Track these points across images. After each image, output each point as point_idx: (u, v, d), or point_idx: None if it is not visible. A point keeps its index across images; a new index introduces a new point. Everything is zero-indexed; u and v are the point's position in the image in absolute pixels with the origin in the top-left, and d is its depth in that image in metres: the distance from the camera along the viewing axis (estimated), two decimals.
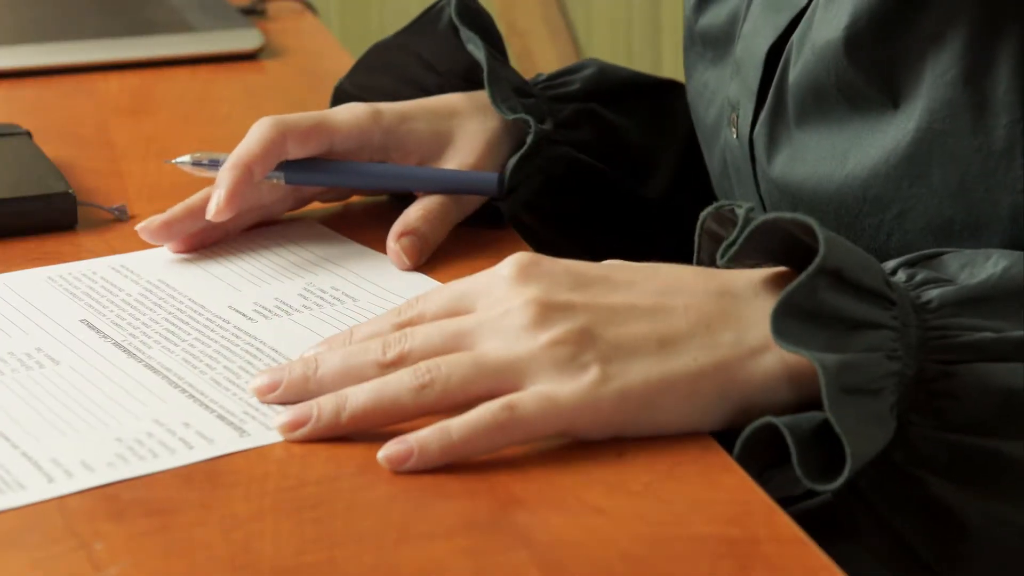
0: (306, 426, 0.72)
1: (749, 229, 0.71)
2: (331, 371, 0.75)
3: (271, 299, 0.88)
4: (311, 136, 0.94)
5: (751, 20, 0.92)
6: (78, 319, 0.85)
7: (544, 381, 0.71)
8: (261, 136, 0.92)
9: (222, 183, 0.91)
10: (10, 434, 0.73)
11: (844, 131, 0.83)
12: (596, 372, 0.71)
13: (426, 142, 0.97)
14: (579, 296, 0.73)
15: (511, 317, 0.73)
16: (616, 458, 0.70)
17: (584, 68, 1.05)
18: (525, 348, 0.72)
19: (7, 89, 1.31)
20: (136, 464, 0.70)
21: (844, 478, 0.66)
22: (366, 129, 0.96)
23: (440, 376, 0.72)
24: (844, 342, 0.69)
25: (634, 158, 1.06)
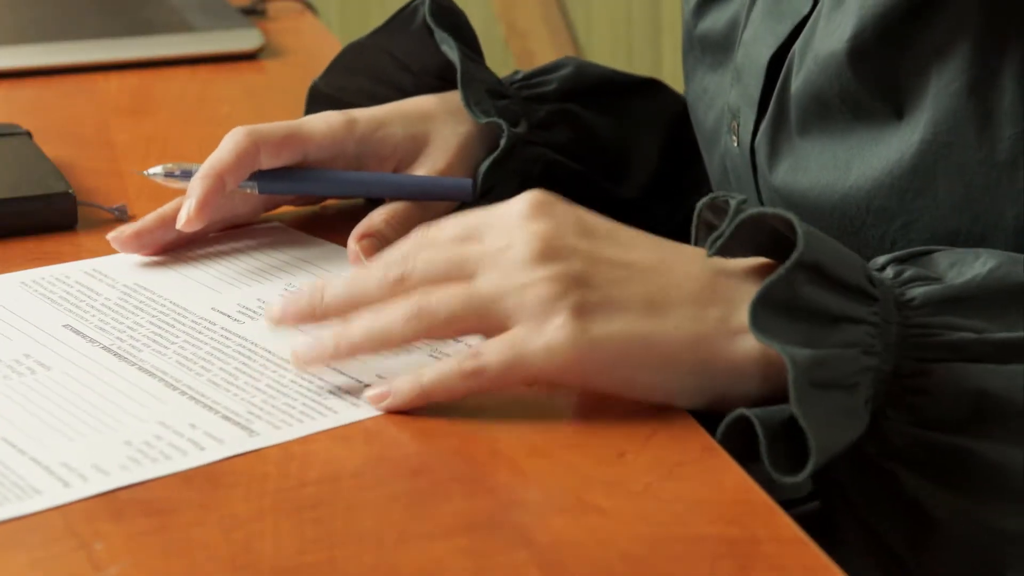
0: (314, 355, 0.76)
1: (735, 222, 0.72)
2: (336, 295, 0.77)
3: (253, 300, 0.88)
4: (284, 146, 0.94)
5: (752, 27, 0.92)
6: (61, 324, 0.85)
7: (522, 323, 0.72)
8: (234, 146, 0.92)
9: (193, 193, 0.91)
10: (15, 440, 0.73)
11: (847, 141, 0.83)
12: (570, 318, 0.72)
13: (401, 147, 0.97)
14: (582, 243, 0.75)
15: (511, 250, 0.74)
16: (617, 458, 0.70)
17: (562, 67, 1.05)
18: (514, 282, 0.73)
19: (7, 89, 1.31)
20: (149, 467, 0.70)
21: (808, 471, 0.67)
22: (340, 139, 0.96)
23: (428, 308, 0.74)
24: (821, 336, 0.70)
25: (610, 158, 1.05)
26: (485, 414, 0.74)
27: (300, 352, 0.77)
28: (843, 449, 0.69)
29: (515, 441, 0.72)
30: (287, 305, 0.78)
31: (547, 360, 0.72)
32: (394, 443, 0.73)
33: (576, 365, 0.72)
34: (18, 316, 0.86)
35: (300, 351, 0.77)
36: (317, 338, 0.76)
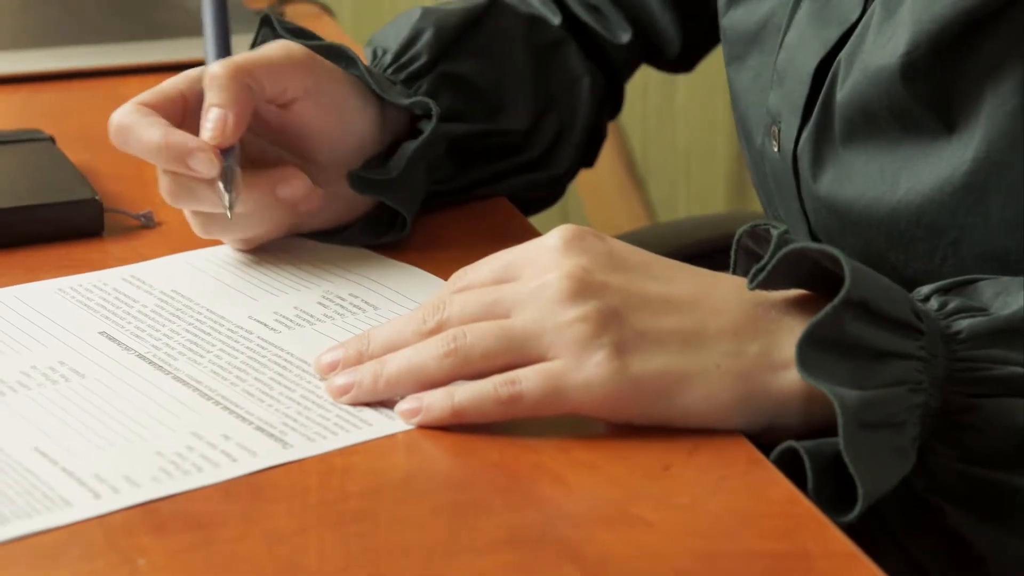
0: (351, 392, 0.76)
1: (778, 256, 0.71)
2: (380, 344, 0.77)
3: (290, 308, 0.87)
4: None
5: (796, 31, 0.90)
6: (97, 331, 0.84)
7: (561, 357, 0.72)
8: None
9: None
10: (46, 450, 0.72)
11: (894, 154, 0.82)
12: (610, 356, 0.71)
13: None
14: (616, 278, 0.74)
15: (546, 289, 0.74)
16: (662, 471, 0.69)
17: (421, 34, 1.01)
18: (551, 322, 0.73)
19: (26, 93, 1.30)
20: (181, 479, 0.69)
21: (856, 514, 0.67)
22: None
23: (464, 345, 0.74)
24: (868, 374, 0.69)
25: (491, 100, 1.02)
26: (524, 426, 0.73)
27: (337, 387, 0.76)
28: (888, 490, 0.68)
29: (557, 453, 0.71)
30: (335, 357, 0.78)
31: (586, 395, 0.71)
32: (434, 456, 0.72)
33: (615, 401, 0.71)
34: (54, 323, 0.85)
35: (338, 385, 0.76)
36: (354, 373, 0.76)
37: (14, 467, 0.70)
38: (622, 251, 0.76)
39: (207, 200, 0.88)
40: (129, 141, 0.88)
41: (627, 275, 0.74)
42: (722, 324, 0.73)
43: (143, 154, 0.88)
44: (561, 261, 0.74)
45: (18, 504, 0.67)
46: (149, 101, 0.89)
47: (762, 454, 0.70)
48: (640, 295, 0.73)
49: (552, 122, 1.05)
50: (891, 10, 0.83)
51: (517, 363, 0.73)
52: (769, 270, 0.72)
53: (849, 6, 0.87)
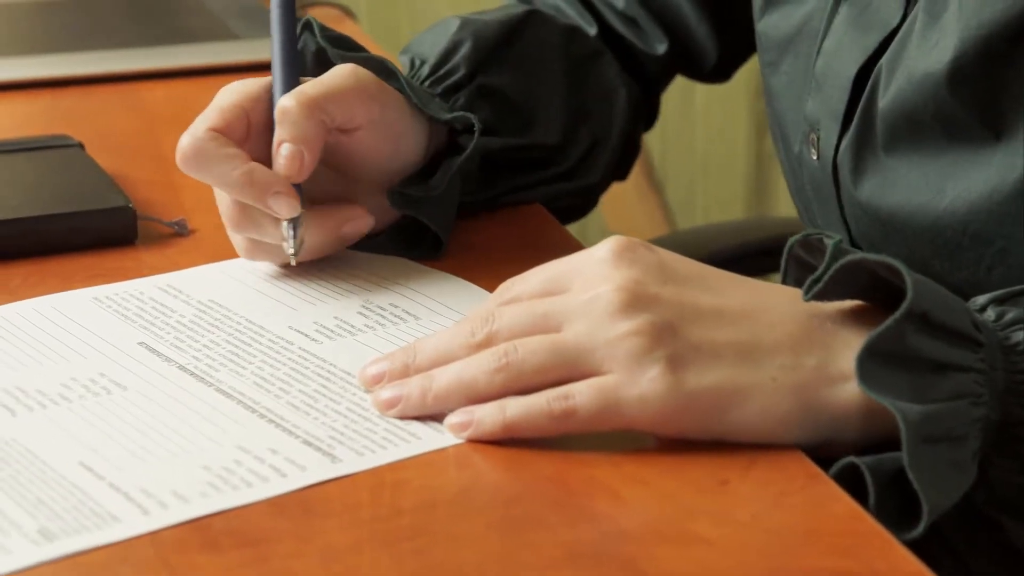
0: (398, 406, 0.74)
1: (835, 267, 0.70)
2: (427, 358, 0.76)
3: (330, 318, 0.86)
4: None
5: (834, 36, 0.89)
6: (136, 342, 0.83)
7: (615, 372, 0.71)
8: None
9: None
10: (92, 464, 0.71)
11: (939, 161, 0.81)
12: (665, 371, 0.70)
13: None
14: (668, 290, 0.73)
15: (597, 302, 0.72)
16: (719, 487, 0.68)
17: (459, 45, 0.99)
18: (603, 336, 0.71)
19: (50, 98, 1.29)
20: (231, 494, 0.68)
21: (920, 531, 0.66)
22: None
23: (515, 360, 0.73)
24: (929, 387, 0.68)
25: (524, 113, 1.01)
26: (576, 440, 0.72)
27: (384, 400, 0.75)
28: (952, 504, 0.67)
29: (611, 468, 0.70)
30: (380, 370, 0.77)
31: (641, 411, 0.70)
32: (486, 470, 0.71)
33: (670, 416, 0.70)
34: (92, 333, 0.84)
35: (384, 399, 0.75)
36: (400, 387, 0.75)
37: (60, 482, 0.69)
38: (674, 262, 0.75)
39: (270, 234, 0.87)
40: (205, 171, 0.86)
41: (679, 287, 0.73)
42: (777, 337, 0.71)
43: (220, 185, 0.87)
44: (612, 273, 0.73)
45: (66, 520, 0.66)
46: (219, 125, 0.87)
47: (820, 469, 0.69)
48: (693, 307, 0.72)
49: (586, 134, 1.04)
50: (935, 16, 0.82)
51: (569, 378, 0.72)
52: (826, 281, 0.71)
53: (889, 11, 0.86)
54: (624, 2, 1.10)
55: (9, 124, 1.22)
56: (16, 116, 1.25)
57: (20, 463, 0.71)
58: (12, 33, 1.45)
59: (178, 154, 0.86)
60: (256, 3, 1.53)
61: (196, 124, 0.87)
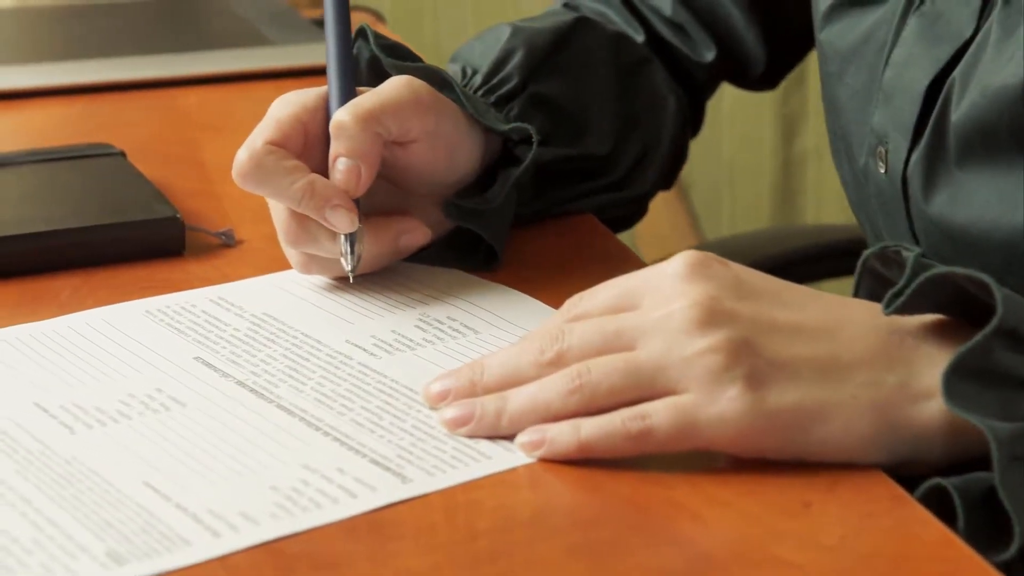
0: (469, 425, 0.73)
1: (919, 281, 0.68)
2: (495, 376, 0.74)
3: (388, 332, 0.84)
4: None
5: (904, 47, 0.87)
6: (191, 356, 0.81)
7: (692, 391, 0.69)
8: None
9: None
10: (157, 484, 0.69)
11: (1013, 175, 0.80)
12: (744, 389, 0.69)
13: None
14: (745, 306, 0.71)
15: (672, 319, 0.71)
16: (802, 509, 0.67)
17: (512, 54, 0.98)
18: (680, 354, 0.70)
19: (85, 104, 1.27)
20: (301, 516, 0.67)
21: (1012, 553, 0.64)
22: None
23: (590, 382, 0.71)
24: (1017, 404, 0.67)
25: (576, 121, 0.99)
26: (652, 460, 0.70)
27: (452, 419, 0.73)
28: None
29: (689, 489, 0.68)
30: (445, 387, 0.75)
31: (720, 431, 0.69)
32: (561, 491, 0.69)
33: (750, 436, 0.69)
34: (146, 347, 0.82)
35: (452, 418, 0.73)
36: (470, 405, 0.73)
37: (125, 503, 0.68)
38: (749, 277, 0.73)
39: (327, 248, 0.86)
40: (265, 184, 0.84)
41: (756, 302, 0.72)
42: (858, 353, 0.70)
43: (279, 198, 0.85)
44: (686, 289, 0.72)
45: (135, 543, 0.65)
46: (277, 138, 0.85)
47: (904, 490, 0.67)
48: (770, 323, 0.71)
49: (635, 143, 1.02)
50: (1010, 29, 0.80)
51: (644, 397, 0.70)
52: (908, 295, 0.69)
53: (962, 23, 0.84)
54: (671, 8, 1.09)
55: (45, 130, 1.21)
56: (51, 122, 1.23)
57: (83, 483, 0.69)
58: (44, 38, 1.43)
59: (236, 168, 0.84)
60: (286, 7, 1.52)
61: (253, 137, 0.85)
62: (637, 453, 0.70)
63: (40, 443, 0.72)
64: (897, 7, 0.89)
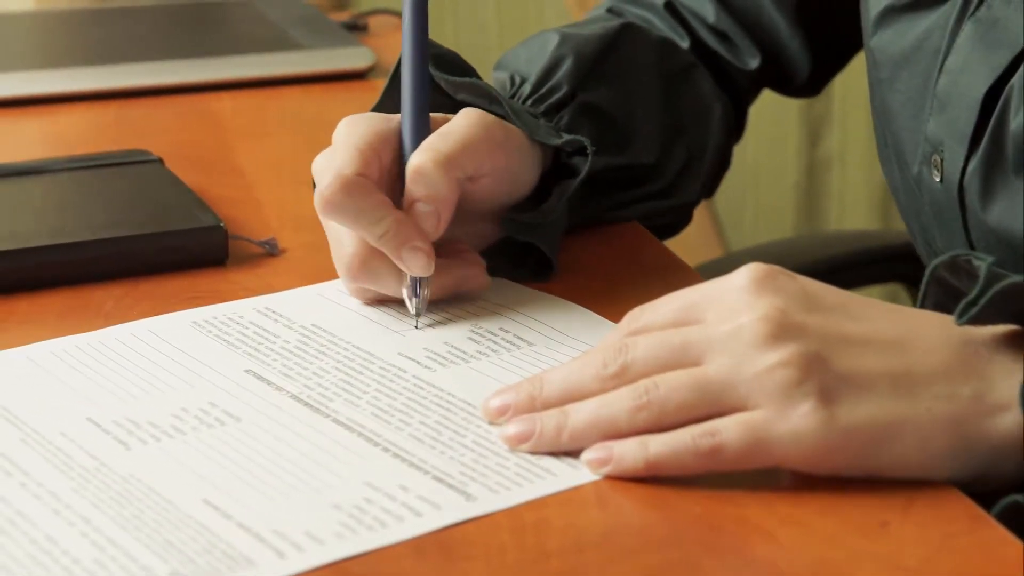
0: (530, 441, 0.71)
1: (993, 291, 0.67)
2: (556, 391, 0.73)
3: (440, 344, 0.82)
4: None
5: (959, 54, 0.86)
6: (242, 369, 0.80)
7: (762, 407, 0.68)
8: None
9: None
10: (217, 502, 0.68)
11: None
12: (817, 405, 0.67)
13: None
14: (814, 319, 0.70)
15: (741, 333, 0.69)
16: (879, 528, 0.65)
17: (561, 62, 0.97)
18: (750, 369, 0.68)
19: (117, 109, 1.25)
20: (366, 535, 0.65)
21: None
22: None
23: (658, 398, 0.69)
24: None
25: (620, 130, 0.98)
26: (719, 476, 0.68)
27: (513, 435, 0.72)
28: None
29: (761, 507, 0.67)
30: (504, 402, 0.74)
31: (792, 448, 0.67)
32: (630, 510, 0.68)
33: (824, 454, 0.67)
34: (196, 360, 0.81)
35: (513, 434, 0.72)
36: (530, 421, 0.72)
37: (186, 522, 0.66)
38: (816, 290, 0.71)
39: (389, 287, 0.84)
40: (351, 216, 0.82)
41: (824, 315, 0.70)
42: (931, 365, 0.68)
43: (363, 232, 0.82)
44: (754, 302, 0.70)
45: (199, 564, 0.63)
46: (363, 169, 0.82)
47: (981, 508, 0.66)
48: (841, 336, 0.69)
49: (681, 150, 1.01)
50: None
51: (713, 414, 0.69)
52: (983, 305, 0.67)
53: (1018, 29, 0.83)
54: (715, 15, 1.07)
55: (78, 136, 1.20)
56: (84, 128, 1.22)
57: (143, 501, 0.68)
58: (74, 43, 1.42)
59: (325, 195, 0.81)
60: (314, 11, 1.50)
61: (339, 166, 0.82)
62: (706, 471, 0.68)
63: (95, 459, 0.71)
64: (951, 12, 0.88)
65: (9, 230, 0.92)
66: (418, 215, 0.82)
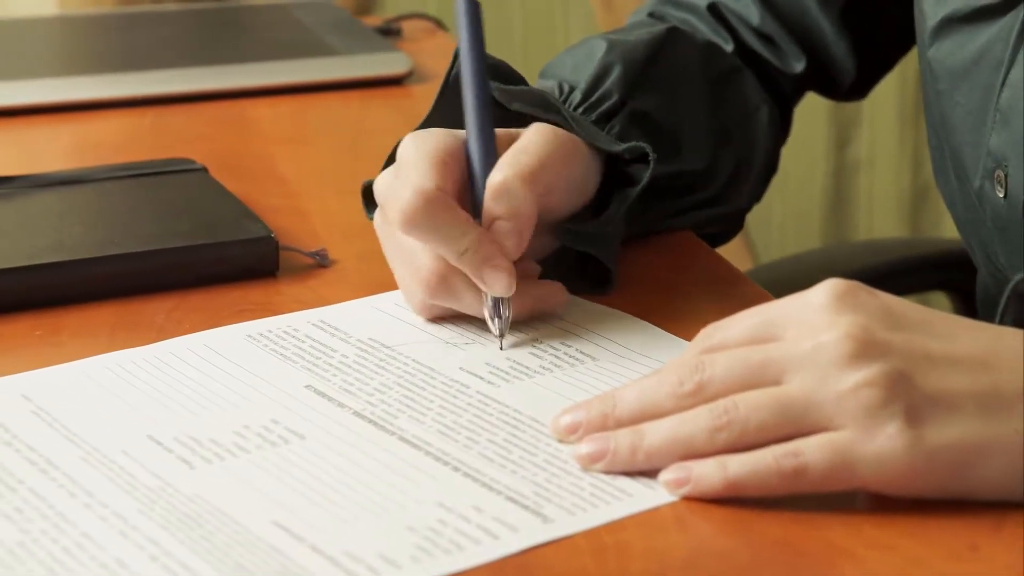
0: (603, 460, 0.70)
1: None
2: (629, 409, 0.71)
3: (502, 359, 0.81)
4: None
5: (1021, 68, 0.84)
6: (302, 385, 0.78)
7: (846, 428, 0.66)
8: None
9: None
10: (287, 523, 0.66)
11: None
12: (904, 426, 0.65)
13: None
14: (897, 337, 0.68)
15: (823, 351, 0.67)
16: (970, 552, 0.63)
17: (610, 70, 0.95)
18: (833, 389, 0.66)
19: (155, 116, 1.24)
20: (443, 559, 0.64)
21: None
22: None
23: (738, 418, 0.68)
24: None
25: (669, 137, 0.97)
26: (801, 498, 0.67)
27: (586, 455, 0.70)
28: None
29: (846, 530, 0.65)
30: (575, 420, 0.72)
31: (878, 470, 0.65)
32: (710, 533, 0.66)
33: (911, 477, 0.65)
34: (254, 375, 0.79)
35: (587, 453, 0.70)
36: (604, 440, 0.70)
37: (258, 544, 0.65)
38: (898, 307, 0.70)
39: (468, 306, 0.83)
40: (433, 233, 0.80)
41: (908, 333, 0.68)
42: (1019, 384, 0.67)
43: (444, 249, 0.80)
44: (835, 320, 0.68)
45: None
46: (442, 185, 0.80)
47: None
48: (925, 355, 0.68)
49: (729, 156, 1.00)
50: None
51: (795, 434, 0.67)
52: None
53: None
54: (760, 18, 1.06)
55: (116, 144, 1.18)
56: (122, 135, 1.20)
57: (211, 523, 0.66)
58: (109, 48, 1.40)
59: (406, 210, 0.79)
60: (346, 16, 1.49)
61: (418, 181, 0.80)
62: (788, 492, 0.66)
63: (159, 479, 0.69)
64: (1014, 25, 0.86)
65: (56, 241, 0.90)
66: (499, 233, 0.81)
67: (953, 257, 1.35)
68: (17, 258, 0.88)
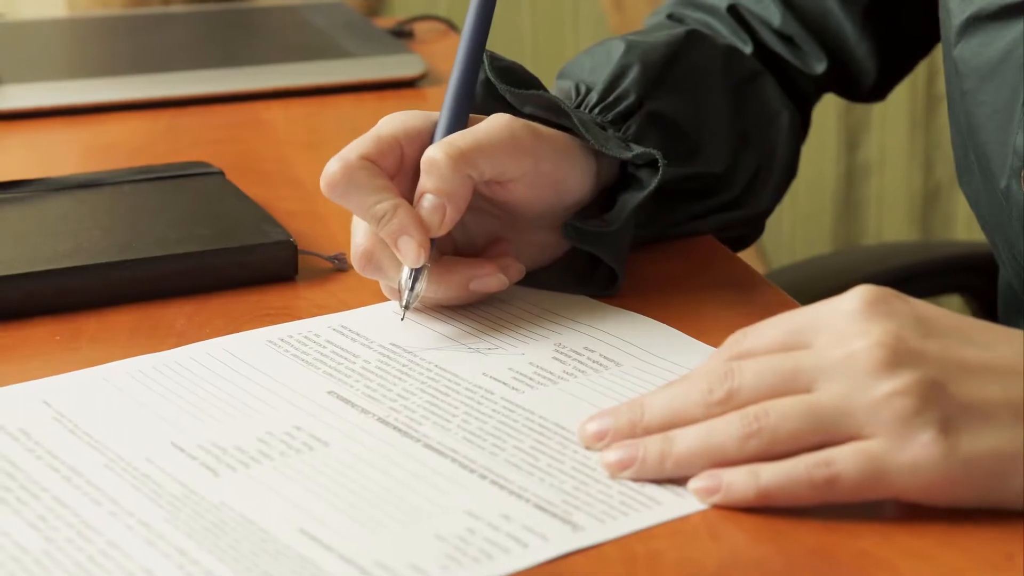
0: (632, 468, 0.69)
1: None
2: (658, 416, 0.70)
3: (526, 364, 0.80)
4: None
5: None
6: (325, 391, 0.77)
7: (879, 437, 0.65)
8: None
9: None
10: (315, 532, 0.65)
11: None
12: (938, 435, 0.65)
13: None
14: (931, 344, 0.67)
15: (855, 359, 0.67)
16: (1006, 561, 0.63)
17: (627, 71, 0.95)
18: (866, 397, 0.66)
19: (170, 118, 1.23)
20: (473, 568, 0.63)
21: None
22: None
23: (769, 426, 0.67)
24: None
25: (691, 139, 0.96)
26: (835, 507, 0.66)
27: (614, 462, 0.70)
28: None
29: (880, 539, 0.64)
30: (603, 426, 0.71)
31: (912, 479, 0.65)
32: (743, 541, 0.65)
33: (945, 485, 0.65)
34: (276, 380, 0.78)
35: (615, 460, 0.70)
36: (632, 447, 0.70)
37: (286, 553, 0.64)
38: (931, 314, 0.69)
39: (393, 279, 0.84)
40: (350, 198, 0.82)
41: (942, 341, 0.68)
42: None
43: (361, 214, 0.83)
44: (867, 327, 0.68)
45: None
46: (372, 154, 0.83)
47: None
48: (960, 363, 0.67)
49: (750, 159, 0.99)
50: None
51: (827, 443, 0.66)
52: None
53: None
54: (781, 19, 1.05)
55: (131, 146, 1.17)
56: (136, 138, 1.19)
57: (237, 531, 0.65)
58: (122, 50, 1.40)
59: (325, 177, 0.82)
60: (359, 17, 1.48)
61: (348, 149, 0.83)
62: (820, 502, 0.66)
63: (184, 486, 0.69)
64: None
65: (75, 245, 0.89)
66: (424, 207, 0.82)
67: (968, 260, 1.35)
68: (36, 262, 0.87)
